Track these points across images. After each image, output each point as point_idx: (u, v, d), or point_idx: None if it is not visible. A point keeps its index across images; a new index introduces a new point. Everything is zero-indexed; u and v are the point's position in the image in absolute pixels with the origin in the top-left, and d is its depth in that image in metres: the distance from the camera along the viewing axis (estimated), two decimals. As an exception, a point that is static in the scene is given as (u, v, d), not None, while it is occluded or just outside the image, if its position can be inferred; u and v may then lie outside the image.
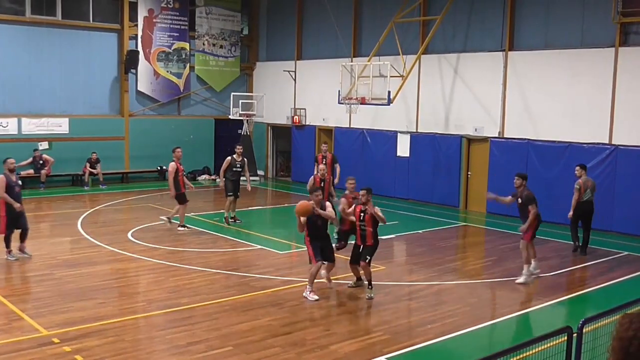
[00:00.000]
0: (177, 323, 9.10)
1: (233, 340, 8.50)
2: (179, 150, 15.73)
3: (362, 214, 10.70)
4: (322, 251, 10.56)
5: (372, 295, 10.57)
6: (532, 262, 11.80)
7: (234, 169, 16.38)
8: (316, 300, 10.25)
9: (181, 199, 15.38)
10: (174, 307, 9.74)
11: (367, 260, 10.57)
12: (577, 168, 14.38)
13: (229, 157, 16.50)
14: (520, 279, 11.55)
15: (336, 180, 16.64)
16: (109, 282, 11.30)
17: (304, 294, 10.40)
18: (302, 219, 10.45)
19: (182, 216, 15.48)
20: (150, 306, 9.89)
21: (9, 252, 12.37)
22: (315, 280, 10.55)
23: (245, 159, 16.81)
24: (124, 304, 10.07)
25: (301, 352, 8.14)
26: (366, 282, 10.68)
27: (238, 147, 16.89)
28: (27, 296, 10.37)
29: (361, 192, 10.78)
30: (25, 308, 9.55)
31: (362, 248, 10.71)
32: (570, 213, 14.17)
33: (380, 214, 10.65)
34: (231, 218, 16.48)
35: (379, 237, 10.86)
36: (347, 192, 12.09)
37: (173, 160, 15.44)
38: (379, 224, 10.72)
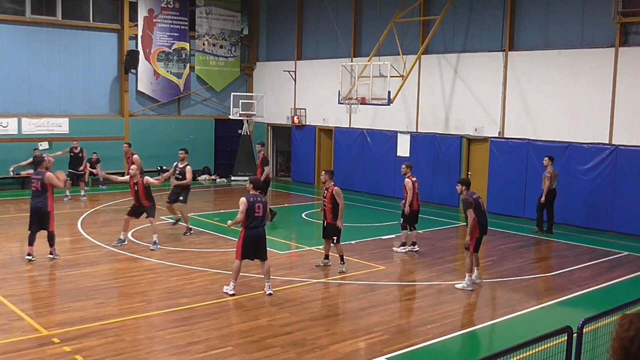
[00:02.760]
0: (177, 323, 9.10)
1: (233, 340, 8.50)
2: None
3: (325, 192, 12.04)
4: (255, 251, 10.45)
5: (344, 269, 11.92)
6: (475, 270, 11.34)
7: (176, 176, 15.07)
8: (232, 295, 10.29)
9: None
10: (173, 307, 9.73)
11: (334, 241, 11.94)
12: (546, 159, 16.01)
13: (175, 163, 15.19)
14: (459, 285, 11.23)
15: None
16: (109, 282, 11.30)
17: (224, 289, 10.48)
18: (242, 208, 10.19)
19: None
20: (149, 306, 9.89)
21: (54, 250, 12.45)
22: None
23: (187, 166, 14.98)
24: (124, 304, 10.06)
25: (301, 352, 8.14)
26: (338, 258, 12.00)
27: (180, 151, 15.34)
28: (27, 296, 10.37)
29: (322, 173, 12.38)
30: (25, 308, 9.55)
31: (326, 225, 12.05)
32: (543, 199, 15.89)
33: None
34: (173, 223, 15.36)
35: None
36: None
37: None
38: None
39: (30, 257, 12.23)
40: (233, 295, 10.34)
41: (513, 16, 18.41)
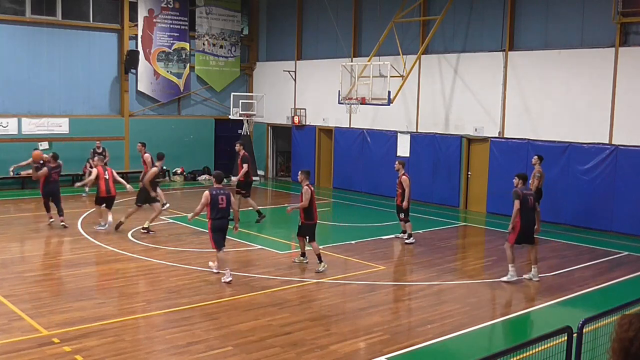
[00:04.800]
0: (177, 323, 9.10)
1: (233, 340, 8.50)
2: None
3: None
4: (221, 241, 11.32)
5: (321, 269, 11.91)
6: (533, 269, 11.76)
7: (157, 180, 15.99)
8: (229, 281, 10.99)
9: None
10: (173, 307, 9.74)
11: (307, 240, 12.23)
12: (535, 157, 15.87)
13: (155, 169, 15.59)
14: (504, 278, 11.66)
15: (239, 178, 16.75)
16: (109, 282, 11.31)
17: (222, 280, 11.12)
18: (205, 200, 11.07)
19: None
20: (149, 306, 9.89)
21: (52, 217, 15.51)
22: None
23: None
24: (124, 304, 10.07)
25: (301, 352, 8.14)
26: (316, 257, 12.09)
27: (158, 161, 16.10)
28: (27, 296, 10.36)
29: (299, 173, 12.58)
30: (25, 308, 9.55)
31: (300, 224, 12.27)
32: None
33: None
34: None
35: (313, 216, 12.21)
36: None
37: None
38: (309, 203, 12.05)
39: (52, 220, 15.48)
40: (230, 281, 10.98)
41: (513, 16, 18.40)
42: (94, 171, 15.51)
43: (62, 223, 15.34)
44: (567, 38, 17.42)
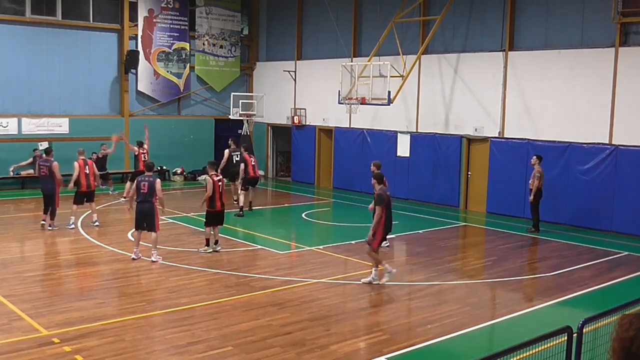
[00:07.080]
0: (177, 323, 9.10)
1: (233, 340, 8.50)
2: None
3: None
4: (143, 222, 12.58)
5: (201, 249, 13.23)
6: (374, 270, 11.19)
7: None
8: (134, 259, 12.42)
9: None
10: (174, 307, 9.73)
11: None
12: (534, 158, 16.11)
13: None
14: (366, 279, 11.25)
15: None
16: (109, 282, 11.31)
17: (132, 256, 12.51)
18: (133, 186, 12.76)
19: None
20: (150, 306, 9.89)
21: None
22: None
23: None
24: (124, 304, 10.07)
25: (301, 352, 8.14)
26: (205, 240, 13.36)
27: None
28: (27, 296, 10.35)
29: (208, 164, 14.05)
30: (25, 308, 9.55)
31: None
32: (531, 198, 15.99)
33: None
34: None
35: (214, 205, 13.36)
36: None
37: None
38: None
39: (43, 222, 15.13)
40: (136, 259, 12.33)
41: (513, 16, 18.40)
42: (76, 165, 15.55)
43: (43, 222, 15.07)
44: (567, 38, 17.41)
